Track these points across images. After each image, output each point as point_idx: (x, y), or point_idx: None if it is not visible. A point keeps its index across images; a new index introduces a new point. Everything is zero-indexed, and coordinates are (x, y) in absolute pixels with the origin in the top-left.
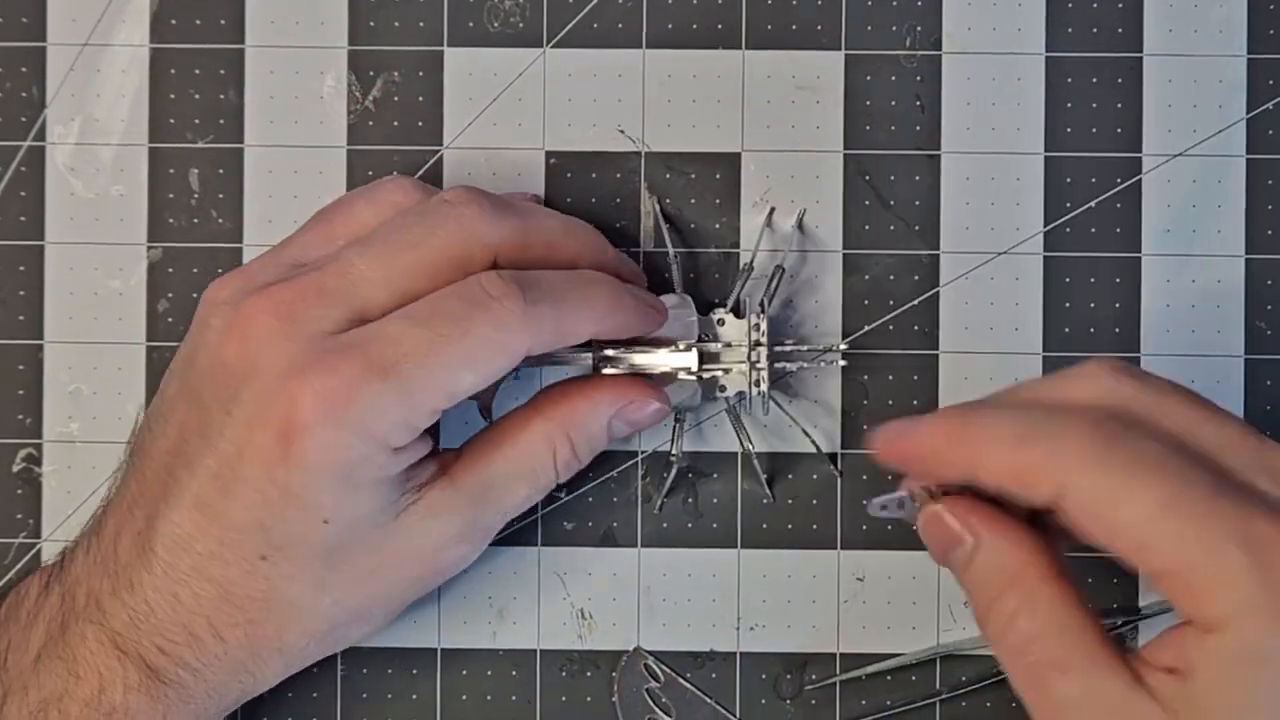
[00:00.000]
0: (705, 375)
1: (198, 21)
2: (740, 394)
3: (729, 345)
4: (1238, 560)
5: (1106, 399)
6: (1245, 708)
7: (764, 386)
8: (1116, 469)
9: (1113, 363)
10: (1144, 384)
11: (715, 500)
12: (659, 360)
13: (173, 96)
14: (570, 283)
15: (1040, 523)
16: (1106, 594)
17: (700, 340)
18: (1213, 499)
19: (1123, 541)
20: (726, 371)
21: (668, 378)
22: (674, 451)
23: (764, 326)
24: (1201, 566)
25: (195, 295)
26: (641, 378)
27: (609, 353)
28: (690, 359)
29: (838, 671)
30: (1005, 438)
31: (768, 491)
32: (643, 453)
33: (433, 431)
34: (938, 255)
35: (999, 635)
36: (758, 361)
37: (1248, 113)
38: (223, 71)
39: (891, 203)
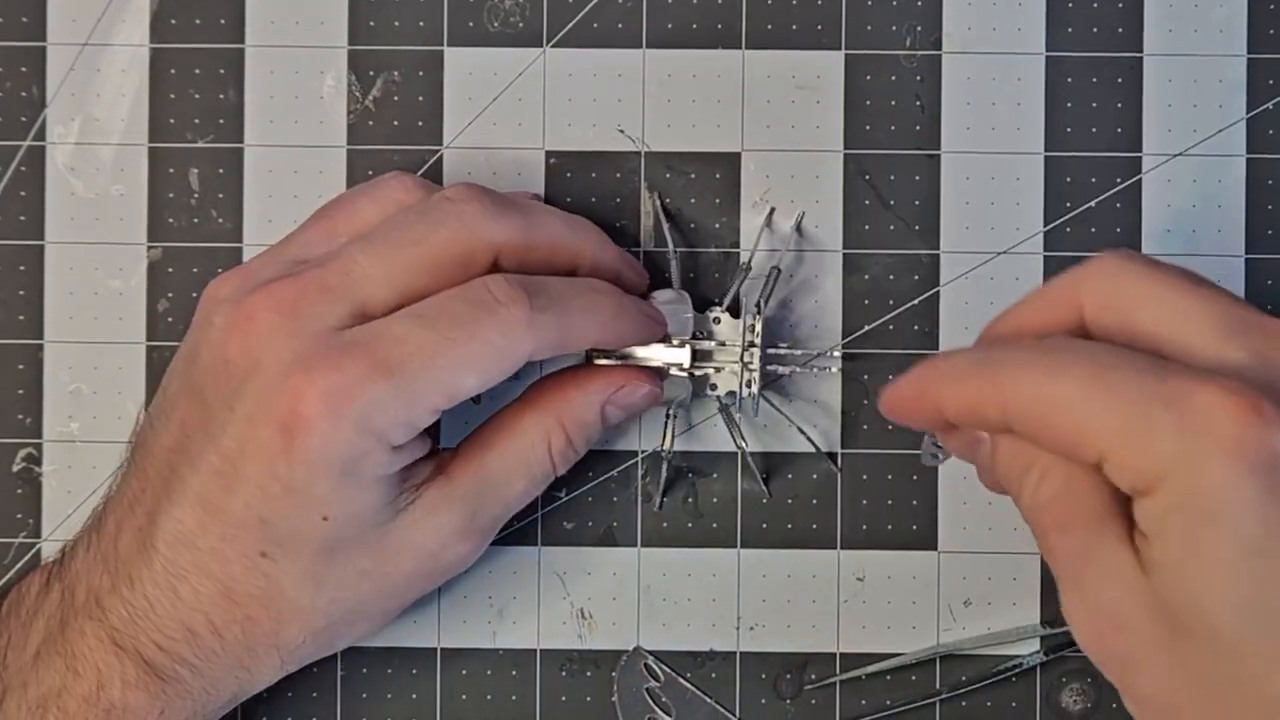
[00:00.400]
0: (697, 372)
1: (198, 21)
2: (731, 393)
3: (722, 344)
4: (1161, 420)
5: (1080, 314)
6: (1188, 557)
7: (755, 388)
8: (1044, 365)
9: (1111, 264)
10: (1129, 282)
11: (715, 500)
12: (652, 354)
13: (173, 96)
14: (576, 291)
15: None
16: None
17: (695, 337)
18: (1138, 372)
19: (1062, 436)
20: (718, 370)
21: (660, 373)
22: (665, 448)
23: (758, 327)
24: (1128, 435)
25: (195, 295)
26: (634, 365)
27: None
28: (683, 355)
29: (837, 671)
30: (956, 377)
31: (765, 489)
32: (643, 452)
33: (432, 431)
34: (938, 255)
35: (1021, 500)
36: (750, 362)
37: (1248, 112)
38: (223, 71)
39: (891, 202)
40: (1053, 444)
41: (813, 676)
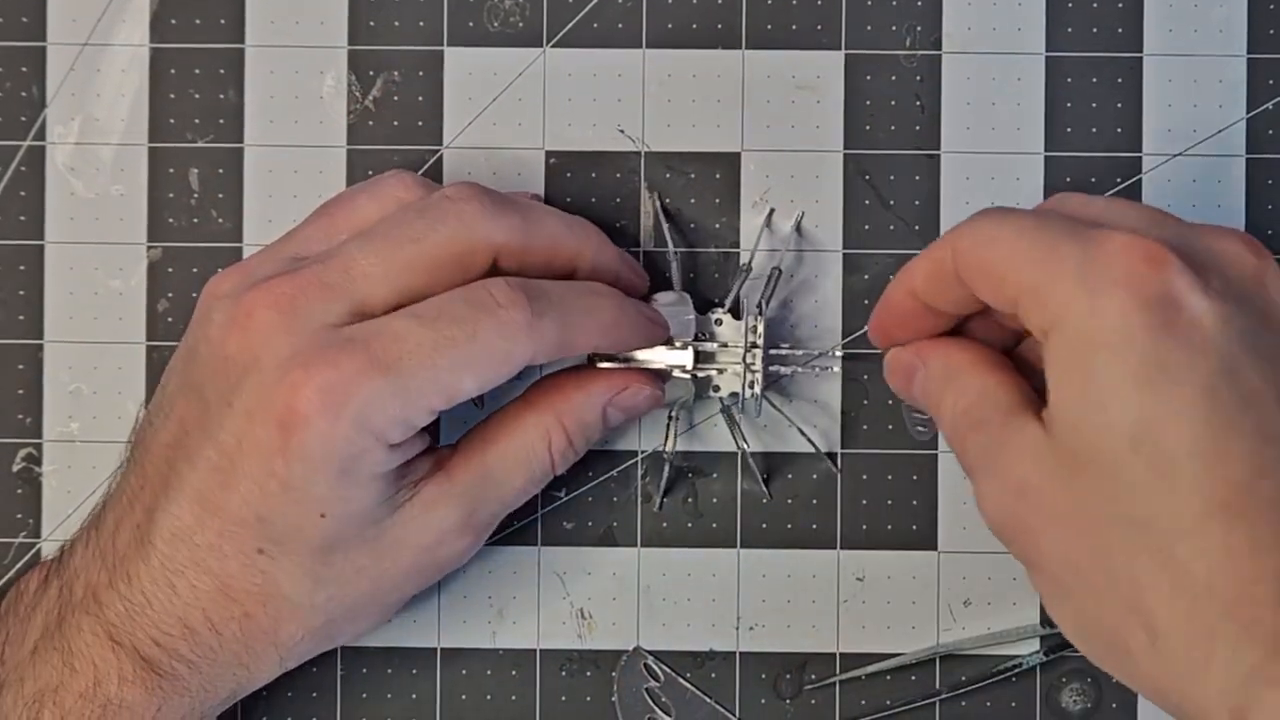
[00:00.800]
0: (700, 374)
1: (198, 21)
2: (734, 394)
3: (725, 345)
4: (1069, 259)
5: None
6: (1082, 390)
7: (757, 389)
8: (991, 218)
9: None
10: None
11: (715, 500)
12: (654, 357)
13: (173, 96)
14: (576, 295)
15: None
16: None
17: (697, 339)
18: (1065, 224)
19: (992, 273)
20: (721, 371)
21: (663, 375)
22: (667, 450)
23: (760, 328)
24: (1041, 273)
25: (195, 295)
26: (636, 368)
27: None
28: (686, 357)
29: (837, 671)
30: (922, 258)
31: (765, 490)
32: (643, 452)
33: (430, 428)
34: None
35: (942, 419)
36: (752, 363)
37: (1248, 113)
38: (223, 71)
39: (891, 202)
40: (987, 286)
41: (812, 676)
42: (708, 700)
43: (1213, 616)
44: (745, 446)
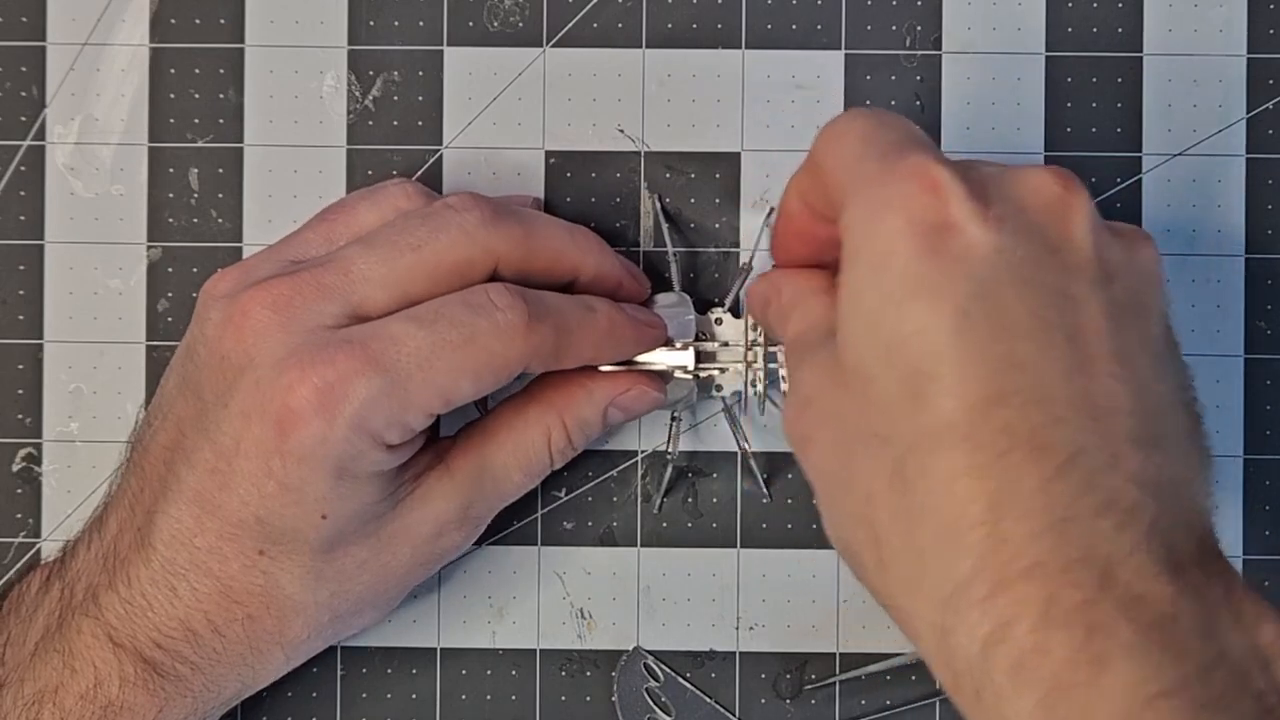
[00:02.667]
0: (701, 374)
1: (197, 21)
2: (736, 393)
3: (726, 345)
4: (870, 170)
5: None
6: (853, 301)
7: (760, 387)
8: (840, 122)
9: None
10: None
11: (715, 500)
12: (656, 358)
13: (172, 96)
14: (573, 307)
15: None
16: None
17: (698, 339)
18: (895, 133)
19: (825, 180)
20: (723, 371)
21: (664, 376)
22: (670, 450)
23: (761, 326)
24: (848, 179)
25: (195, 295)
26: (639, 369)
27: None
28: (687, 358)
29: (837, 671)
30: (806, 162)
31: (765, 491)
32: (643, 452)
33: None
34: None
35: (787, 337)
36: (754, 361)
37: (1248, 112)
38: (222, 71)
39: None
40: (822, 196)
41: (812, 676)
42: (708, 700)
43: (926, 537)
44: (746, 446)
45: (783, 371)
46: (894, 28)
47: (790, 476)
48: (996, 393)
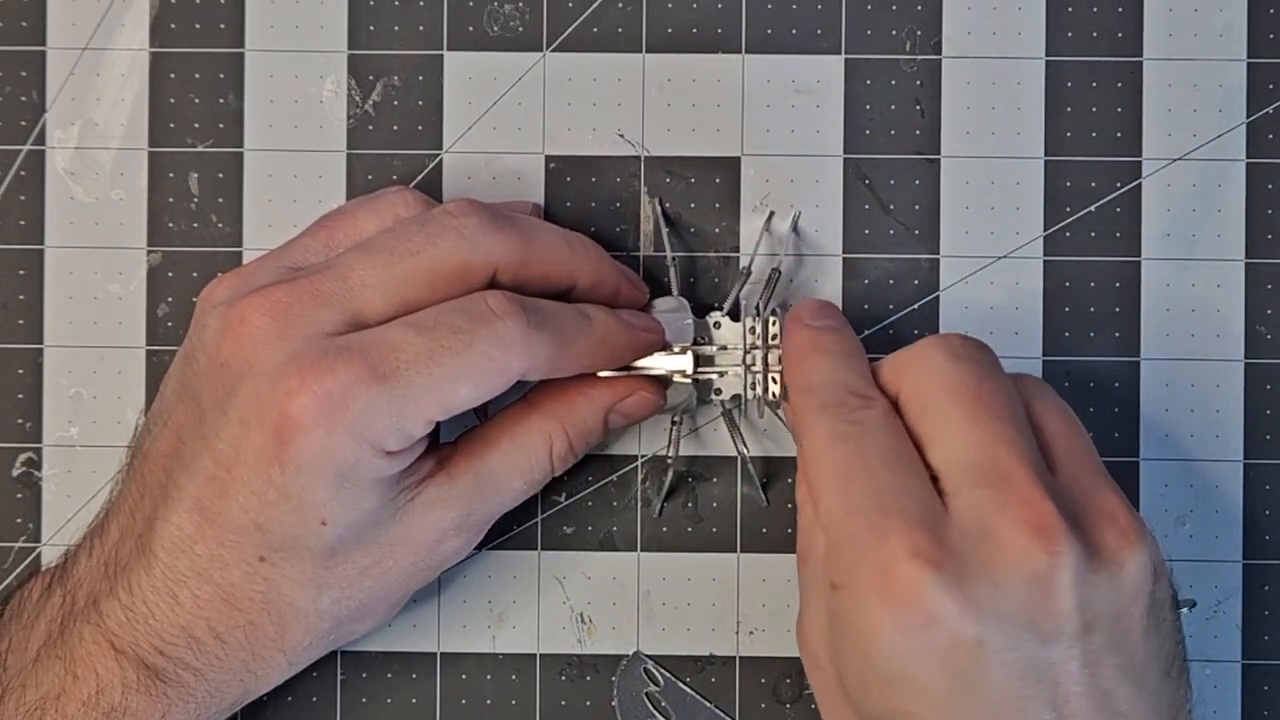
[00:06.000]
0: (700, 378)
1: (197, 25)
2: (736, 398)
3: (725, 349)
4: (858, 538)
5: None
6: (850, 654)
7: (759, 390)
8: (824, 437)
9: (929, 363)
10: (931, 393)
11: (715, 504)
12: (655, 363)
13: (172, 100)
14: (571, 316)
15: None
16: None
17: (696, 343)
18: (875, 485)
19: (812, 495)
20: (722, 375)
21: (664, 381)
22: (670, 455)
23: (760, 330)
24: (834, 531)
25: (195, 300)
26: (639, 375)
27: None
28: (686, 362)
29: None
30: (793, 388)
31: (763, 496)
32: (643, 457)
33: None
34: (937, 259)
35: (799, 513)
36: (753, 365)
37: (1248, 117)
38: (222, 75)
39: (891, 207)
40: (810, 495)
41: None
42: (708, 705)
43: None
44: (745, 451)
45: (774, 386)
46: (894, 32)
47: (790, 480)
48: None
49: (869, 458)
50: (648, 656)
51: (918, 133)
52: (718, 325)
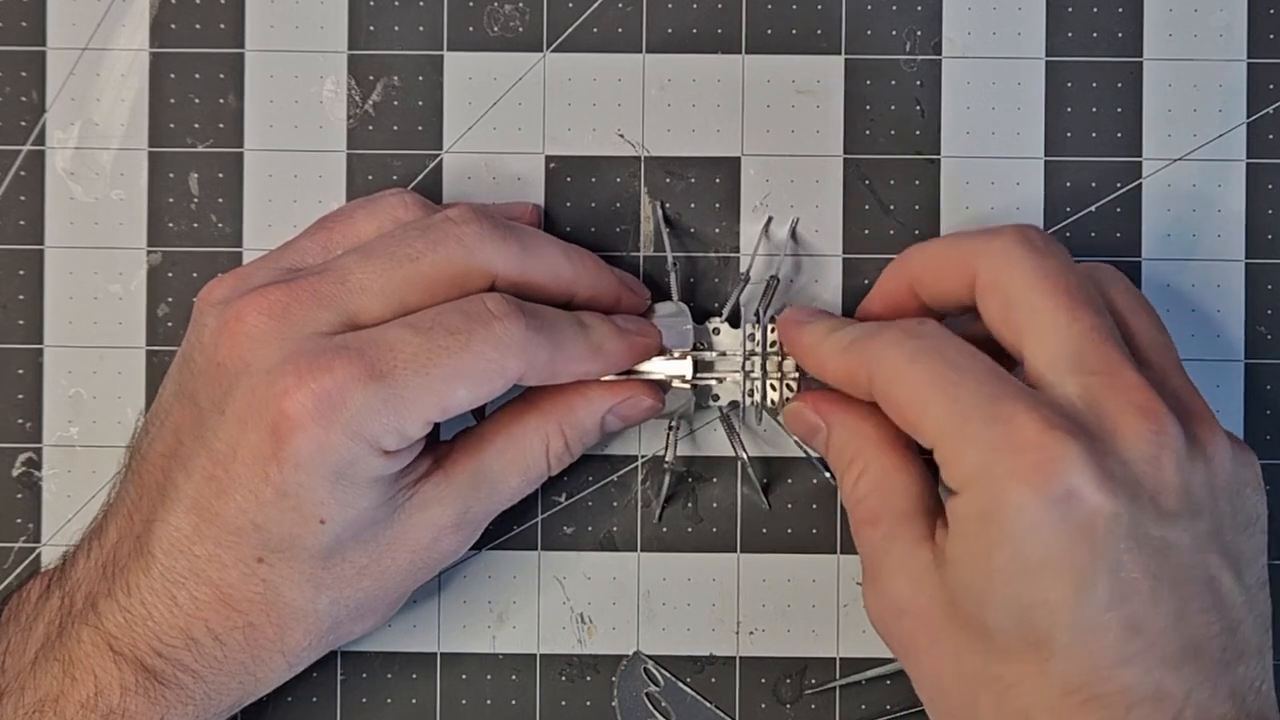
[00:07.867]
0: (700, 384)
1: (197, 25)
2: (734, 403)
3: (724, 354)
4: (978, 434)
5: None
6: (976, 558)
7: (757, 396)
8: (906, 352)
9: (1012, 249)
10: (1018, 277)
11: (715, 505)
12: (654, 367)
13: (172, 100)
14: (568, 323)
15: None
16: None
17: (696, 349)
18: (978, 381)
19: (906, 419)
20: (720, 380)
21: (663, 385)
22: (668, 458)
23: (759, 336)
24: (951, 438)
25: (195, 300)
26: (637, 378)
27: None
28: (685, 367)
29: (837, 676)
30: (836, 350)
31: (764, 499)
32: (643, 457)
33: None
34: None
35: (845, 495)
36: (752, 371)
37: (1248, 117)
38: (222, 76)
39: (891, 207)
40: (900, 423)
41: (812, 681)
42: (708, 705)
43: None
44: (745, 456)
45: (772, 394)
46: (894, 32)
47: (789, 482)
48: (1119, 657)
49: (957, 360)
50: (648, 657)
51: (918, 133)
52: (717, 331)
